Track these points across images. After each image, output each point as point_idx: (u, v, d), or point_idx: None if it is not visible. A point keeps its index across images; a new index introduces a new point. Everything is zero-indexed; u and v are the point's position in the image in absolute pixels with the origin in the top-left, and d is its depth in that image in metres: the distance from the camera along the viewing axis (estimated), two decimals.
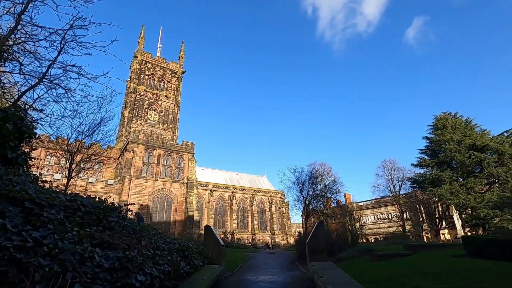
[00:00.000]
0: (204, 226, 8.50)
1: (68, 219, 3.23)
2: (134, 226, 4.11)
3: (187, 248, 5.31)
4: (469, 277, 5.24)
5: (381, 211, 58.57)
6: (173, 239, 5.65)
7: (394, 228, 51.68)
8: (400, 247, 12.18)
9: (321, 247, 7.06)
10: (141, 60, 53.29)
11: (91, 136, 13.08)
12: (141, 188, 38.38)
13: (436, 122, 39.70)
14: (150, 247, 3.81)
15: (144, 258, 3.09)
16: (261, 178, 68.50)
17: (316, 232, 7.24)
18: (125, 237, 3.49)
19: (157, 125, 51.44)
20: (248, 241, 50.49)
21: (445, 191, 33.45)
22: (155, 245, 4.15)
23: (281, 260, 12.72)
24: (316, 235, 7.21)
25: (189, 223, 38.88)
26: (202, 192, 50.26)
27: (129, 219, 4.64)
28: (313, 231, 7.32)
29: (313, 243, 7.11)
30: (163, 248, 4.26)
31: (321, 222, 7.60)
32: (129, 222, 4.10)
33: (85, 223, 3.49)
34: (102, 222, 3.72)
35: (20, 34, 8.58)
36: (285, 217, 60.69)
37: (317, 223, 7.57)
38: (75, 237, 2.92)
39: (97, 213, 3.74)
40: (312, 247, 7.06)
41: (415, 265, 6.74)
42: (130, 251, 3.21)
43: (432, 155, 38.96)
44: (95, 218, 3.68)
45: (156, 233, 4.86)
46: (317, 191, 30.53)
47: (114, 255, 2.89)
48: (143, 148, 40.50)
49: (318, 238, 7.19)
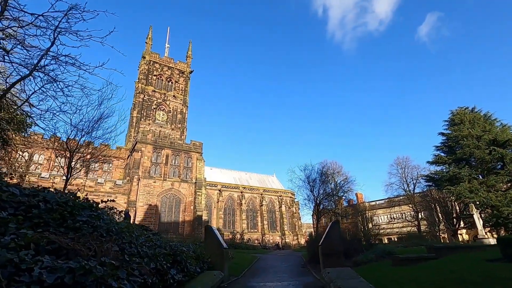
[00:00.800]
0: (204, 226, 7.73)
1: (16, 217, 2.55)
2: (110, 226, 3.40)
3: (180, 253, 4.55)
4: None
5: (394, 210, 56.79)
6: (165, 241, 4.89)
7: (408, 228, 50.02)
8: (421, 249, 11.11)
9: (336, 250, 6.18)
10: (149, 61, 53.27)
11: (91, 133, 12.56)
12: (150, 188, 38.10)
13: (452, 117, 37.97)
14: (127, 252, 3.09)
15: (109, 269, 2.35)
16: (270, 177, 67.61)
17: (331, 233, 6.36)
18: (93, 241, 2.78)
19: (166, 125, 51.29)
20: (257, 241, 49.71)
21: (464, 189, 31.81)
22: (136, 249, 3.43)
23: (292, 263, 11.85)
24: (331, 236, 6.33)
25: (197, 223, 38.35)
26: (211, 192, 49.77)
27: (111, 218, 3.94)
28: (327, 232, 6.44)
29: (327, 246, 6.24)
30: (146, 253, 3.53)
31: (336, 222, 6.72)
32: (104, 222, 3.39)
33: (43, 223, 2.80)
34: (67, 222, 3.03)
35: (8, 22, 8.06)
36: (295, 217, 59.61)
37: (332, 222, 6.68)
38: (19, 241, 2.21)
39: (61, 211, 3.04)
40: (326, 250, 6.19)
41: (446, 272, 5.81)
42: (97, 259, 2.49)
43: (449, 151, 37.25)
44: (58, 217, 2.98)
45: (141, 235, 4.12)
46: (328, 190, 29.39)
47: (67, 265, 2.17)
48: (151, 148, 40.26)
49: (333, 239, 6.31)
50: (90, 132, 12.43)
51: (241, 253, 17.80)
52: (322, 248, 6.22)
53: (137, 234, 3.96)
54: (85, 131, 12.23)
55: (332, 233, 6.38)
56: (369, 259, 9.08)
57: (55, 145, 14.95)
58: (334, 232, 6.42)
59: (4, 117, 9.61)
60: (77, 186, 35.67)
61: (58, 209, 3.02)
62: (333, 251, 6.11)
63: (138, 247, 3.52)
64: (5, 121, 10.75)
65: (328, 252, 6.12)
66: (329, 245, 6.21)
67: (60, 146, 14.08)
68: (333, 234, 6.38)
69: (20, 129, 11.85)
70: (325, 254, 6.14)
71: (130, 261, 2.97)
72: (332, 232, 6.39)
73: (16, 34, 7.98)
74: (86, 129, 12.22)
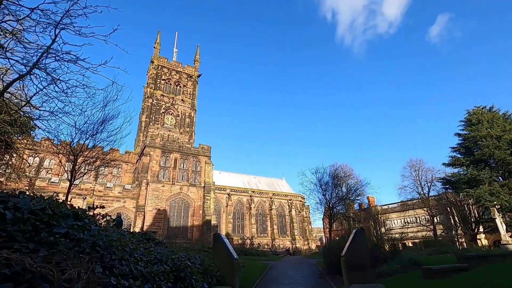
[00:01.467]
0: (213, 234, 7.04)
1: None
2: (97, 239, 2.78)
3: (184, 268, 3.89)
4: None
5: (408, 214, 54.95)
6: (169, 252, 4.22)
7: (424, 233, 48.31)
8: (449, 258, 10.12)
9: (362, 263, 5.39)
10: (157, 65, 53.43)
11: (95, 135, 12.13)
12: (158, 192, 37.76)
13: (469, 117, 36.50)
14: (116, 272, 2.47)
15: None
16: (279, 181, 66.63)
17: (356, 242, 5.57)
18: (70, 260, 2.17)
19: (174, 129, 51.16)
20: (267, 246, 48.74)
21: (483, 192, 30.35)
22: (128, 268, 2.80)
23: (307, 272, 11.02)
24: (356, 246, 5.54)
25: (206, 228, 37.73)
26: (219, 196, 49.18)
27: (103, 228, 3.32)
28: (351, 241, 5.67)
29: (352, 257, 5.45)
30: (141, 272, 2.89)
31: (361, 229, 5.94)
32: (90, 234, 2.77)
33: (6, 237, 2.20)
34: (40, 235, 2.42)
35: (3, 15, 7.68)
36: (305, 221, 58.39)
37: (356, 230, 5.91)
38: None
39: (34, 221, 2.43)
40: (351, 262, 5.41)
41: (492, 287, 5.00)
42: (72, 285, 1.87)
43: (466, 153, 35.76)
44: (29, 229, 2.37)
45: (138, 247, 3.48)
46: (341, 193, 28.30)
47: None
48: (159, 152, 40.02)
49: (358, 250, 5.52)
50: (95, 134, 12.03)
51: (251, 261, 17.02)
52: (346, 260, 5.44)
53: (133, 247, 3.33)
54: (89, 133, 11.84)
55: (357, 242, 5.58)
56: (394, 270, 8.19)
57: (58, 148, 14.60)
58: (360, 241, 5.62)
59: (5, 119, 9.15)
60: (86, 190, 35.69)
61: (30, 218, 2.42)
62: (359, 264, 5.33)
63: (131, 264, 2.88)
64: (7, 123, 10.34)
65: (353, 265, 5.34)
66: (354, 256, 5.43)
67: (64, 149, 13.73)
68: (358, 243, 5.58)
69: (23, 131, 11.47)
70: (349, 267, 5.36)
71: (118, 284, 2.34)
72: (357, 241, 5.60)
73: (15, 30, 7.58)
74: (91, 131, 11.84)
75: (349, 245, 5.60)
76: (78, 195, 34.45)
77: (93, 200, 34.78)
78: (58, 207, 2.82)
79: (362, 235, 5.88)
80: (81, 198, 34.34)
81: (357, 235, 5.76)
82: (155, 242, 6.64)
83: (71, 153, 11.98)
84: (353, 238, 5.70)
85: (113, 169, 46.17)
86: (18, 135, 11.34)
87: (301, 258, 25.96)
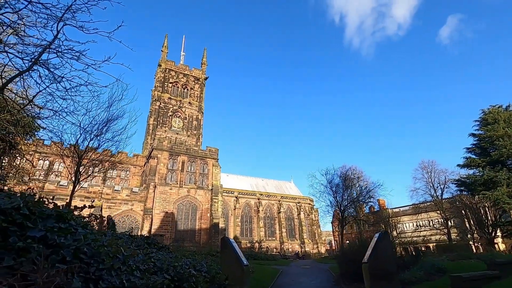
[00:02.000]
0: (221, 238, 6.54)
1: None
2: (81, 245, 2.31)
3: (188, 277, 3.38)
4: None
5: (421, 217, 53.40)
6: (169, 261, 3.73)
7: (437, 236, 46.87)
8: (476, 264, 9.36)
9: (388, 270, 4.78)
10: (164, 69, 53.63)
11: (100, 135, 11.83)
12: (166, 195, 37.53)
13: (484, 117, 35.18)
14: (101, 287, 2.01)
15: None
16: (287, 183, 65.84)
17: (379, 247, 4.99)
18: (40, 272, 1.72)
19: (181, 132, 51.13)
20: (276, 250, 47.95)
21: (502, 194, 29.01)
22: (118, 280, 2.33)
23: (320, 279, 10.37)
24: (380, 252, 4.96)
25: (214, 231, 37.26)
26: (227, 199, 48.73)
27: (92, 231, 2.87)
28: (374, 246, 5.08)
29: (376, 264, 4.85)
30: (134, 284, 2.41)
31: (384, 233, 5.35)
32: (74, 238, 2.30)
33: None
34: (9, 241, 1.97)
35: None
36: (314, 225, 57.36)
37: (379, 234, 5.33)
38: None
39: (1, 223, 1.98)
40: (375, 270, 4.81)
41: None
42: None
43: (482, 153, 34.41)
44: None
45: (132, 255, 2.99)
46: (353, 195, 27.42)
47: None
48: (167, 155, 39.88)
49: (382, 255, 4.93)
50: (99, 135, 11.74)
51: (260, 265, 16.41)
52: (369, 267, 4.84)
53: (127, 253, 2.84)
54: (94, 133, 11.55)
55: (380, 247, 5.00)
56: (418, 278, 7.49)
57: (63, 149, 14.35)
58: (384, 245, 5.01)
59: (7, 118, 8.86)
60: (95, 193, 35.70)
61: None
62: (383, 271, 4.74)
63: (124, 274, 2.41)
64: (10, 123, 10.06)
65: (377, 273, 4.75)
66: (378, 262, 4.84)
67: (68, 151, 13.48)
68: (382, 248, 4.99)
69: (27, 132, 11.21)
70: (373, 274, 4.77)
71: None
72: (380, 245, 5.00)
73: (13, 24, 7.30)
74: (96, 131, 11.55)
75: (373, 250, 5.01)
76: (87, 198, 34.46)
77: (101, 203, 34.75)
78: (38, 206, 2.37)
79: (386, 239, 5.28)
80: (89, 200, 34.33)
81: (380, 239, 5.16)
82: (158, 247, 6.17)
83: (76, 154, 11.70)
84: (376, 243, 5.11)
85: (121, 172, 46.33)
86: (22, 135, 11.08)
87: (311, 262, 25.20)
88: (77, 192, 34.64)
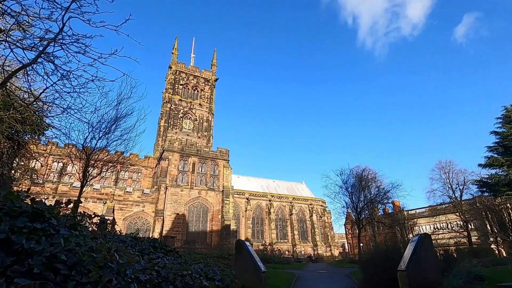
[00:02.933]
0: (235, 242, 5.93)
1: None
2: (60, 251, 1.76)
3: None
4: None
5: (439, 219, 51.33)
6: (177, 268, 3.13)
7: (456, 239, 44.98)
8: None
9: (431, 279, 4.03)
10: (175, 71, 53.77)
11: (108, 134, 11.50)
12: (177, 196, 37.34)
13: (507, 114, 33.49)
14: None
15: None
16: (299, 185, 64.76)
17: (420, 252, 4.24)
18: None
19: (192, 133, 51.05)
20: (288, 252, 47.02)
21: None
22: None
23: (342, 285, 9.63)
24: (421, 258, 4.21)
25: (226, 233, 36.76)
26: (238, 201, 48.19)
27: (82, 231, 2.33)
28: (413, 250, 4.34)
29: (415, 271, 4.12)
30: None
31: (425, 236, 4.60)
32: (50, 243, 1.76)
33: None
34: None
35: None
36: (327, 227, 56.08)
37: (418, 236, 4.57)
38: None
39: None
40: (415, 279, 4.08)
41: None
42: None
43: (505, 152, 32.72)
44: None
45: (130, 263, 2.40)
46: (371, 196, 26.26)
47: None
48: (178, 156, 39.73)
49: (424, 262, 4.18)
50: (108, 133, 11.41)
51: (275, 269, 15.72)
52: (409, 276, 4.08)
53: (123, 261, 2.27)
54: (102, 131, 11.22)
55: (422, 253, 4.26)
56: (455, 286, 6.70)
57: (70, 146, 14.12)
58: (425, 251, 4.28)
59: (12, 116, 8.52)
60: (107, 195, 35.83)
61: None
62: (426, 282, 4.01)
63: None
64: (16, 121, 9.75)
65: (418, 283, 4.03)
66: (419, 271, 4.07)
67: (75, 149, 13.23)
68: (423, 254, 4.25)
69: (35, 131, 10.92)
70: (413, 285, 4.05)
71: None
72: (421, 250, 4.26)
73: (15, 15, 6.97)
74: (104, 129, 11.22)
75: (411, 256, 4.28)
76: (99, 199, 34.61)
77: (113, 205, 34.83)
78: (10, 200, 1.85)
79: (428, 242, 4.53)
80: (101, 202, 34.46)
81: (421, 243, 4.43)
82: (165, 251, 5.60)
83: (84, 152, 11.41)
84: (415, 247, 4.39)
85: (133, 174, 46.58)
86: (30, 134, 10.82)
87: (326, 266, 24.29)
88: (89, 193, 34.93)
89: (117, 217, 34.20)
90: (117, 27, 7.99)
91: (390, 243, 36.88)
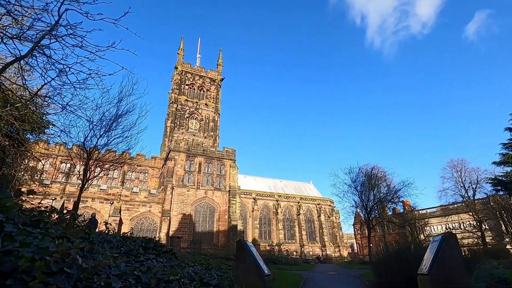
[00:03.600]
0: (236, 241, 5.52)
1: None
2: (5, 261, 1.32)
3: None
4: None
5: (451, 219, 49.93)
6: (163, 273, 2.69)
7: (469, 240, 43.61)
8: None
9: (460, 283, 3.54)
10: (181, 71, 53.75)
11: (109, 132, 11.23)
12: (183, 197, 37.15)
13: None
14: None
15: None
16: (307, 184, 64.04)
17: (445, 254, 3.74)
18: None
19: (198, 133, 50.92)
20: (296, 253, 46.40)
21: None
22: None
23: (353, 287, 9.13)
24: (445, 260, 3.72)
25: (232, 233, 36.38)
26: (245, 201, 47.80)
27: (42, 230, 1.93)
28: (437, 251, 3.84)
29: (438, 275, 3.63)
30: None
31: (450, 235, 4.10)
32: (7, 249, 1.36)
33: None
34: None
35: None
36: (335, 227, 55.25)
37: (442, 236, 4.07)
38: None
39: None
40: (439, 284, 3.59)
41: None
42: None
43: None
44: None
45: (98, 266, 1.97)
46: (380, 195, 25.49)
47: None
48: (184, 156, 39.56)
49: (449, 265, 3.70)
50: (108, 130, 11.13)
51: (282, 270, 15.23)
52: (432, 280, 3.60)
53: (89, 265, 1.78)
54: (103, 129, 10.96)
55: (446, 254, 3.76)
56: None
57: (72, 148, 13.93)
58: (450, 252, 3.79)
59: (10, 113, 8.26)
60: (114, 195, 35.85)
61: None
62: (451, 286, 3.53)
63: None
64: (15, 119, 9.49)
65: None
66: (443, 275, 3.60)
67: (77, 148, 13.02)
68: (448, 256, 3.76)
69: (35, 129, 10.69)
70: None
71: None
72: (446, 251, 3.76)
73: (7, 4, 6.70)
74: (105, 127, 10.95)
75: (434, 258, 3.78)
76: (106, 199, 34.65)
77: (120, 205, 34.83)
78: None
79: (452, 242, 4.02)
80: (108, 202, 34.48)
81: (444, 242, 3.92)
82: (158, 252, 5.20)
83: (84, 150, 11.17)
84: (438, 247, 3.88)
85: (139, 174, 46.68)
86: (30, 132, 10.60)
87: (335, 267, 23.66)
88: (96, 194, 35.04)
89: (124, 218, 34.17)
90: (116, 20, 7.63)
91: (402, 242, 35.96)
